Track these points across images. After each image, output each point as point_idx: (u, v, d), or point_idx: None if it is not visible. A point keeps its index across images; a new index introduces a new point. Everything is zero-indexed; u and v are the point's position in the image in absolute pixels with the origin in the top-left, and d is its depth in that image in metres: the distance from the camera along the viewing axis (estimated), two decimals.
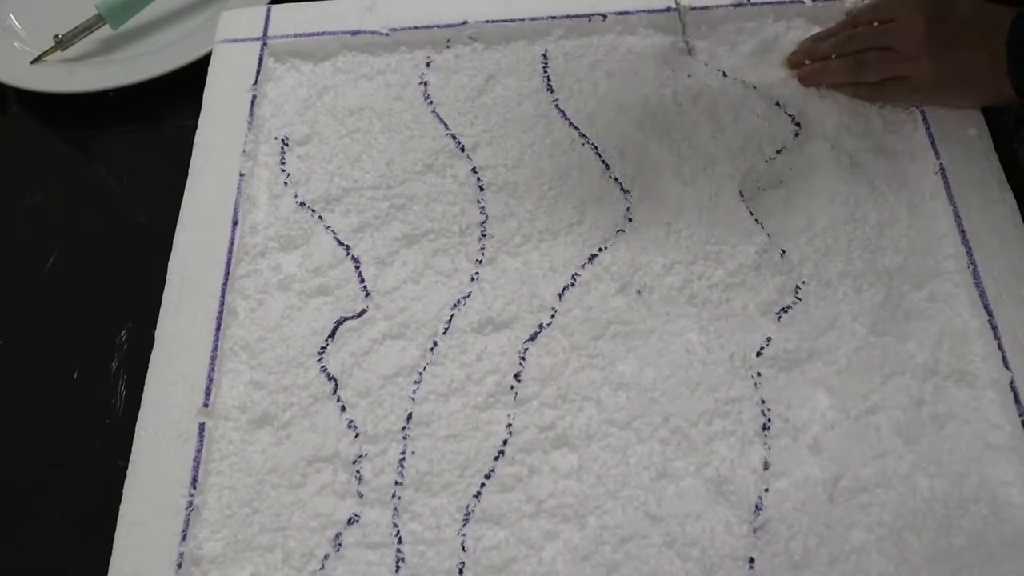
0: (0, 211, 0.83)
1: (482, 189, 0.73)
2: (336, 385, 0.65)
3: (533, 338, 0.66)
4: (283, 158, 0.77)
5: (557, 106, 0.77)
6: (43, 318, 0.76)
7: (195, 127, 0.77)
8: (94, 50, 0.91)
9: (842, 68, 0.74)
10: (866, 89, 0.74)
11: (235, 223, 0.72)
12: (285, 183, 0.75)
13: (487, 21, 0.81)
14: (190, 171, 0.75)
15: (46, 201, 0.82)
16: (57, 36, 0.88)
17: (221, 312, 0.68)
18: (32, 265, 0.78)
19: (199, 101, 0.79)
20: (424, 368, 0.65)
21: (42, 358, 0.73)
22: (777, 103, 0.75)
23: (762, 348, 0.64)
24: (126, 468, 0.62)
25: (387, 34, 0.82)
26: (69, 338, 0.74)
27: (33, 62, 0.89)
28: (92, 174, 0.85)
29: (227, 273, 0.70)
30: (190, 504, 0.61)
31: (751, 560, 0.57)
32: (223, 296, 0.69)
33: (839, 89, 0.75)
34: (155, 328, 0.68)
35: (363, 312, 0.68)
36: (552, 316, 0.67)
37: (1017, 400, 0.61)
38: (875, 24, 0.73)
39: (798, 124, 0.74)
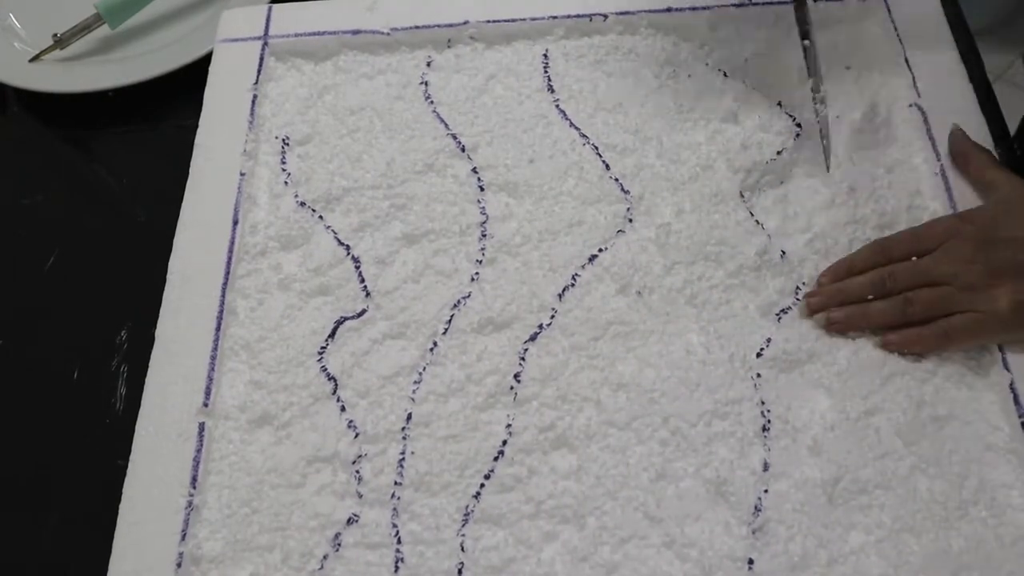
0: (0, 211, 0.83)
1: (482, 189, 0.73)
2: (336, 385, 0.65)
3: (533, 338, 0.66)
4: (284, 157, 0.77)
5: (558, 106, 0.77)
6: (43, 318, 0.75)
7: (195, 127, 0.77)
8: (93, 50, 0.91)
9: (888, 309, 0.63)
10: (916, 335, 0.63)
11: (235, 222, 0.72)
12: (286, 182, 0.75)
13: (488, 21, 0.81)
14: (191, 170, 0.75)
15: (46, 201, 0.82)
16: (56, 35, 0.88)
17: (221, 312, 0.68)
18: (32, 265, 0.78)
19: (199, 101, 0.79)
20: (424, 368, 0.65)
21: (42, 358, 0.73)
22: (779, 104, 0.75)
23: (762, 349, 0.64)
24: (126, 468, 0.62)
25: (388, 33, 0.81)
26: (69, 338, 0.74)
27: (31, 60, 0.88)
28: (92, 174, 0.86)
29: (227, 272, 0.70)
30: (190, 504, 0.61)
31: (750, 561, 0.57)
32: (223, 295, 0.69)
33: (892, 339, 0.64)
34: (155, 328, 0.68)
35: (363, 312, 0.68)
36: (552, 316, 0.67)
37: (1017, 402, 0.60)
38: (914, 259, 0.64)
39: (799, 125, 0.74)
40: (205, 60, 0.83)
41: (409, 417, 0.64)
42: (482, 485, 0.61)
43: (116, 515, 0.61)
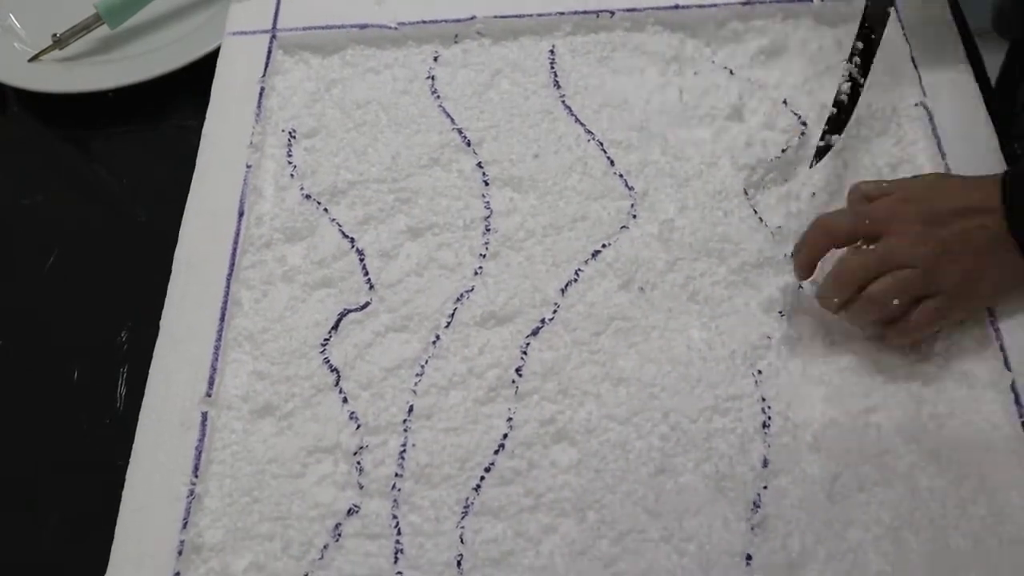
0: (0, 211, 0.82)
1: (487, 184, 0.73)
2: (338, 376, 0.65)
3: (535, 333, 0.66)
4: (290, 150, 0.77)
5: (563, 102, 0.77)
6: (43, 318, 0.75)
7: (196, 127, 0.78)
8: (93, 50, 0.90)
9: (856, 313, 0.62)
10: (896, 330, 0.62)
11: (241, 214, 0.73)
12: (291, 175, 0.75)
13: (495, 16, 0.81)
14: (197, 162, 0.76)
15: (46, 201, 0.82)
16: (55, 35, 0.88)
17: (226, 302, 0.68)
18: (32, 265, 0.78)
19: (200, 101, 0.79)
20: (426, 361, 0.66)
21: (42, 358, 0.73)
22: (784, 102, 0.75)
23: (764, 346, 0.64)
24: (126, 468, 0.62)
25: (395, 28, 0.82)
26: (69, 338, 0.73)
27: (31, 60, 0.88)
28: (92, 174, 0.86)
29: (232, 263, 0.70)
30: (191, 492, 0.61)
31: (748, 557, 0.57)
32: (228, 286, 0.69)
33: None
34: (155, 328, 0.68)
35: (366, 304, 0.68)
36: (554, 311, 0.67)
37: (1017, 401, 0.60)
38: (868, 247, 0.62)
39: (804, 123, 0.74)
40: (205, 60, 0.84)
41: (411, 409, 0.64)
42: (482, 478, 0.61)
43: (116, 515, 0.61)
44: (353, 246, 0.71)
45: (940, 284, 0.61)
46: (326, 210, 0.73)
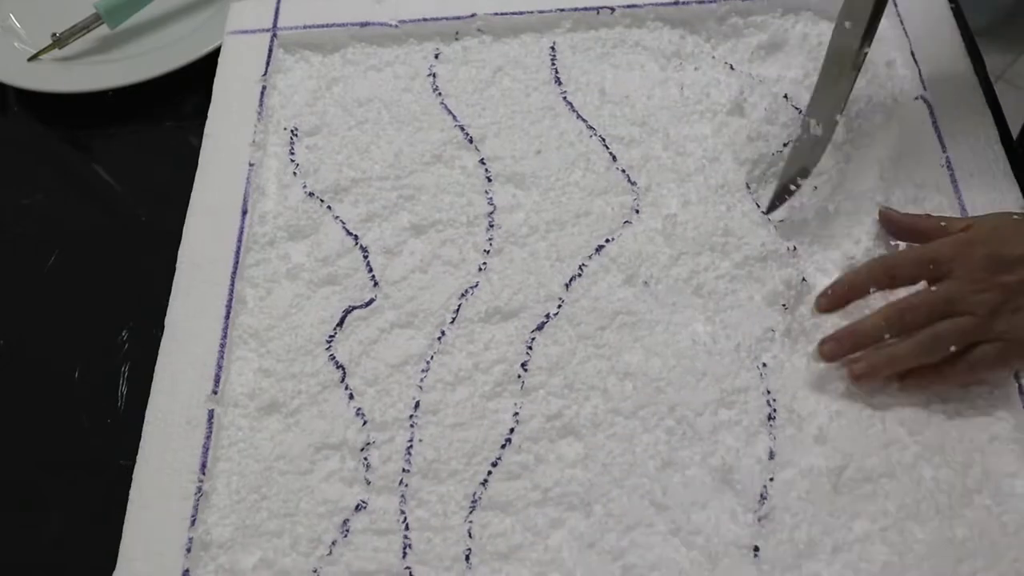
0: (0, 211, 0.82)
1: (490, 180, 0.73)
2: (344, 373, 0.66)
3: (540, 328, 0.66)
4: (292, 148, 0.77)
5: (565, 98, 0.78)
6: (43, 318, 0.75)
7: (196, 126, 0.78)
8: (93, 49, 0.90)
9: (916, 351, 0.60)
10: (938, 374, 0.60)
11: (244, 212, 0.73)
12: (294, 173, 0.76)
13: (496, 13, 0.81)
14: (200, 160, 0.76)
15: (46, 201, 0.82)
16: (55, 35, 0.88)
17: (230, 300, 0.69)
18: (32, 265, 0.78)
19: (200, 100, 0.79)
20: (432, 357, 0.66)
21: (42, 358, 0.73)
22: (784, 96, 0.75)
23: (768, 339, 0.65)
24: (128, 468, 0.62)
25: (396, 26, 0.82)
26: (69, 338, 0.73)
27: (31, 60, 0.88)
28: (92, 174, 0.85)
29: (236, 262, 0.70)
30: (199, 490, 0.61)
31: (755, 548, 0.57)
32: (232, 284, 0.69)
33: (911, 382, 0.61)
34: (156, 327, 0.68)
35: (371, 301, 0.68)
36: (559, 306, 0.67)
37: (1021, 392, 0.61)
38: (932, 288, 0.61)
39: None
40: (205, 60, 0.84)
41: (417, 405, 0.64)
42: (489, 472, 0.61)
43: (117, 515, 0.61)
44: (357, 243, 0.71)
45: (1001, 332, 0.59)
46: (329, 208, 0.73)
